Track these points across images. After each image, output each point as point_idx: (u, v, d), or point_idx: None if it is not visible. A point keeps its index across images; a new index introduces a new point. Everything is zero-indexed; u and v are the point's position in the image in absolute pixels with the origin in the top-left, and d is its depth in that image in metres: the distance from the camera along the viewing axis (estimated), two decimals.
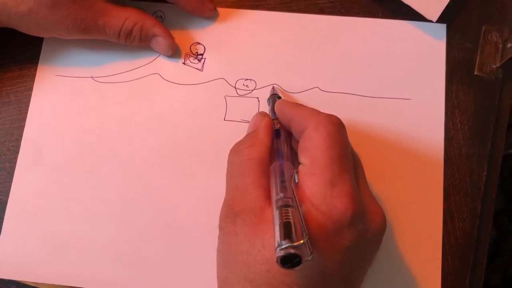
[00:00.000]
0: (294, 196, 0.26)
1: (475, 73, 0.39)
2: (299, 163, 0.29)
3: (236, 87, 0.39)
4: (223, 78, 0.39)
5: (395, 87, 0.39)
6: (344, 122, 0.38)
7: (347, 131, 0.30)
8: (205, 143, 0.38)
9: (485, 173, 0.37)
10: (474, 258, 0.36)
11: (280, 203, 0.25)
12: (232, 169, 0.31)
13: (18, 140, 0.39)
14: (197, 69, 0.40)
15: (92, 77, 0.40)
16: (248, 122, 0.38)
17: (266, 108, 0.38)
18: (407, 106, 0.38)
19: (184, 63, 0.40)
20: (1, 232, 0.37)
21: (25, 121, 0.39)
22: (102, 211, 0.37)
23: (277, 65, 0.39)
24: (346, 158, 0.28)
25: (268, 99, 0.37)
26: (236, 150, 0.32)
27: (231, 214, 0.29)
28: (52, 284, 0.36)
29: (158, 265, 0.36)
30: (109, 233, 0.37)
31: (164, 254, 0.36)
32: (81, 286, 0.36)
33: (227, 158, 0.37)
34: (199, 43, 0.40)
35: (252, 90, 0.39)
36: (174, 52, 0.40)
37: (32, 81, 0.40)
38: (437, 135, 0.38)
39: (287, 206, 0.25)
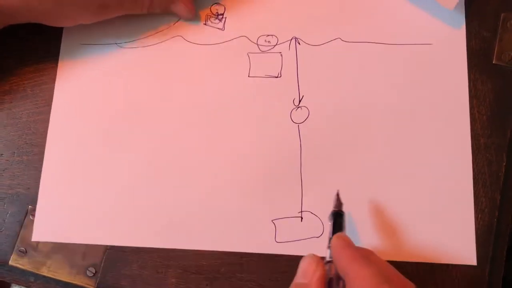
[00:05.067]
0: None
1: (494, 62, 0.38)
2: None
3: (258, 43, 0.39)
4: (244, 36, 0.40)
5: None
6: (367, 72, 0.39)
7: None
8: (231, 100, 0.39)
9: (504, 163, 0.36)
10: (494, 249, 0.35)
11: None
12: None
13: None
14: (218, 28, 0.40)
15: (116, 43, 0.40)
16: (272, 77, 0.39)
17: (289, 63, 0.39)
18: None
19: (205, 24, 0.40)
20: (38, 201, 0.38)
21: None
22: (132, 172, 0.38)
23: (298, 19, 0.40)
24: None
25: (330, 216, 0.34)
26: None
27: None
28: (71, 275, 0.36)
29: (187, 222, 0.37)
30: (140, 192, 0.37)
31: (193, 209, 0.37)
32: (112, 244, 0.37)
33: (253, 113, 0.38)
34: (218, 3, 0.40)
35: (274, 45, 0.39)
36: (195, 15, 0.40)
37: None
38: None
39: None
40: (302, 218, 0.36)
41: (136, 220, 0.37)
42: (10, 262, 0.37)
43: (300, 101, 0.38)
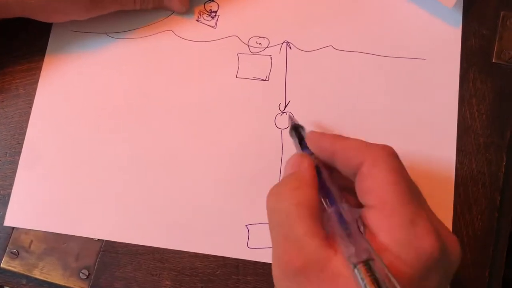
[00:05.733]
0: (371, 247, 0.23)
1: (493, 61, 0.38)
2: (360, 205, 0.26)
3: (249, 44, 0.39)
4: (236, 36, 0.39)
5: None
6: (357, 82, 0.38)
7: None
8: (216, 100, 0.38)
9: (504, 163, 0.36)
10: (494, 250, 0.35)
11: (355, 259, 0.22)
12: (276, 217, 0.26)
13: None
14: (210, 26, 0.40)
15: (106, 33, 0.40)
16: (260, 79, 0.38)
17: (278, 67, 0.38)
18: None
19: (197, 20, 0.40)
20: (14, 184, 0.37)
21: None
22: (115, 163, 0.37)
23: (291, 23, 0.39)
24: (414, 190, 0.26)
25: (290, 131, 0.34)
26: (276, 193, 0.27)
27: (290, 272, 0.24)
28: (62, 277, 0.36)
29: (167, 214, 0.36)
30: (121, 185, 0.37)
31: (174, 204, 0.36)
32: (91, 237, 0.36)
33: (237, 114, 0.38)
34: (213, 1, 0.40)
35: (265, 48, 0.39)
36: (187, 10, 0.39)
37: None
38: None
39: (367, 260, 0.22)
40: None
41: (113, 214, 0.36)
42: (2, 265, 0.36)
43: (285, 106, 0.38)
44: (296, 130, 0.33)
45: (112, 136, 0.38)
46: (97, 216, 0.36)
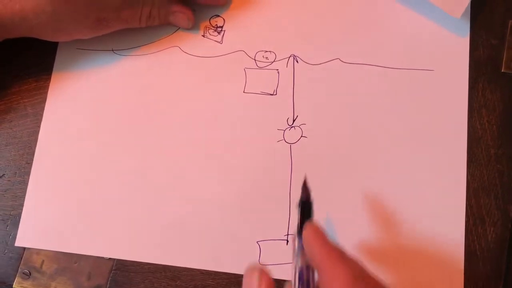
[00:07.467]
0: None
1: (502, 71, 0.37)
2: None
3: (255, 59, 0.39)
4: (242, 50, 0.39)
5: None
6: (365, 95, 0.38)
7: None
8: (224, 116, 0.38)
9: None
10: (507, 263, 0.35)
11: None
12: None
13: None
14: (216, 41, 0.39)
15: (112, 50, 0.40)
16: (267, 94, 0.38)
17: (285, 81, 0.38)
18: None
19: (203, 36, 0.40)
20: (24, 204, 0.37)
21: None
22: (124, 181, 0.37)
23: (297, 37, 0.39)
24: None
25: (297, 205, 0.31)
26: None
27: None
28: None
29: (178, 232, 0.36)
30: (131, 204, 0.37)
31: (184, 221, 0.36)
32: (103, 256, 0.36)
33: (246, 130, 0.38)
34: (218, 16, 0.40)
35: (272, 62, 0.39)
36: (194, 25, 0.40)
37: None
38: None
39: None
40: (287, 241, 0.35)
41: (124, 233, 0.37)
42: (14, 285, 0.36)
43: (294, 120, 0.38)
44: (303, 205, 0.31)
45: (121, 155, 0.38)
46: (108, 235, 0.36)
